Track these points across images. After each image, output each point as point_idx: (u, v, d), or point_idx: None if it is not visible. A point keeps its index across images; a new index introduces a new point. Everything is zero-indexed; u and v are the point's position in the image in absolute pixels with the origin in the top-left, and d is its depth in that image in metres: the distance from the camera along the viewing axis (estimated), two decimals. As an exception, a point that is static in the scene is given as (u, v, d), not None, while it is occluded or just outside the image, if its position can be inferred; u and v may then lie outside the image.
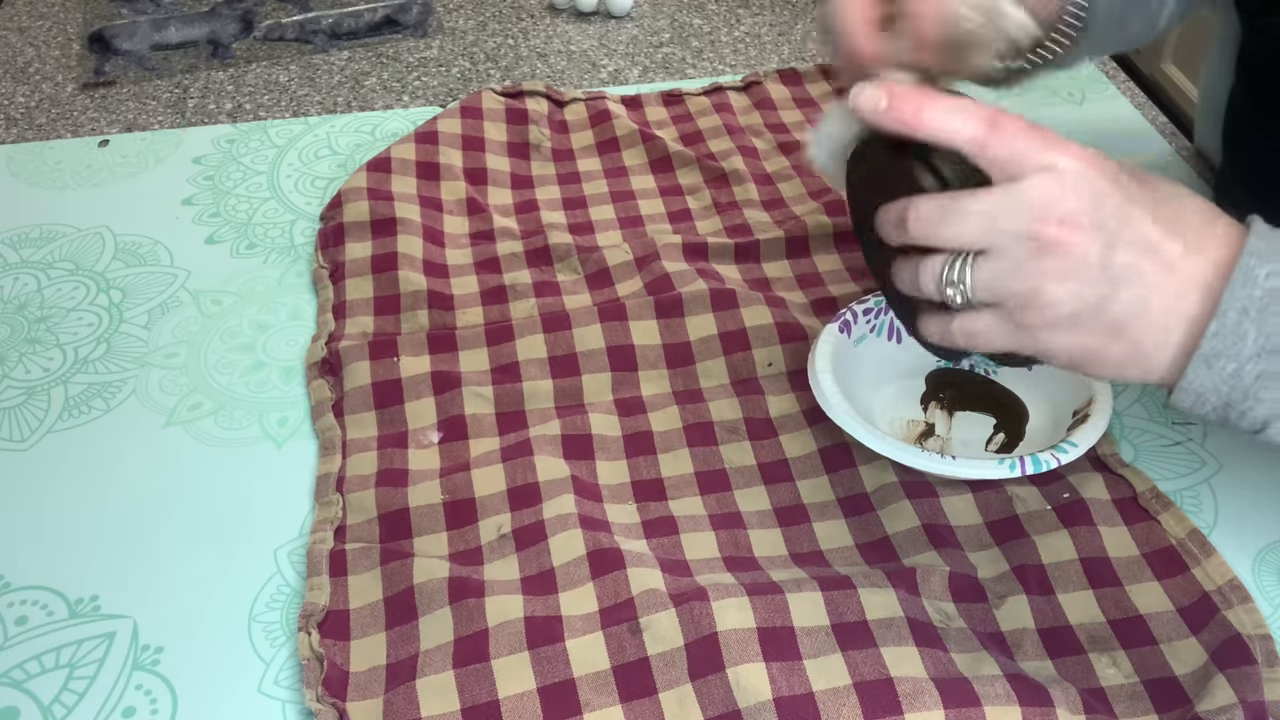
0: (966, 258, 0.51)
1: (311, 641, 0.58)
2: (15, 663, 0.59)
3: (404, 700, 0.56)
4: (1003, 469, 0.62)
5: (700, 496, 0.66)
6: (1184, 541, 0.62)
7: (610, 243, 0.84)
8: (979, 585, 0.61)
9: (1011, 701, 0.54)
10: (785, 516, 0.65)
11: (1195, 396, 0.52)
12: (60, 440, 0.71)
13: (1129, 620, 0.59)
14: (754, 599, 0.58)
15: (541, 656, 0.57)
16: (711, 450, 0.69)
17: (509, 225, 0.86)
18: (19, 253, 0.86)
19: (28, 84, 1.06)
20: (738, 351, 0.74)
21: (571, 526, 0.62)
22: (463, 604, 0.59)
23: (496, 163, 0.92)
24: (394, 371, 0.73)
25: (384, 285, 0.80)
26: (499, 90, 0.98)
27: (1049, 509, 0.64)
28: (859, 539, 0.64)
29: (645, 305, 0.77)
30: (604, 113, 0.97)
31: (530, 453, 0.67)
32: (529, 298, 0.79)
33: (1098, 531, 0.63)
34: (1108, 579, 0.61)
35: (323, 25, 1.12)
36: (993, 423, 0.71)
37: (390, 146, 0.91)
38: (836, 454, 0.68)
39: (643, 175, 0.92)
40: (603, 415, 0.71)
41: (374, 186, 0.87)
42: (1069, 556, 0.62)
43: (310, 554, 0.63)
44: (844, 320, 0.71)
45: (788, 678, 0.55)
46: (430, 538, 0.64)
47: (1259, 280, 0.49)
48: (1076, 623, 0.59)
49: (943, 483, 0.66)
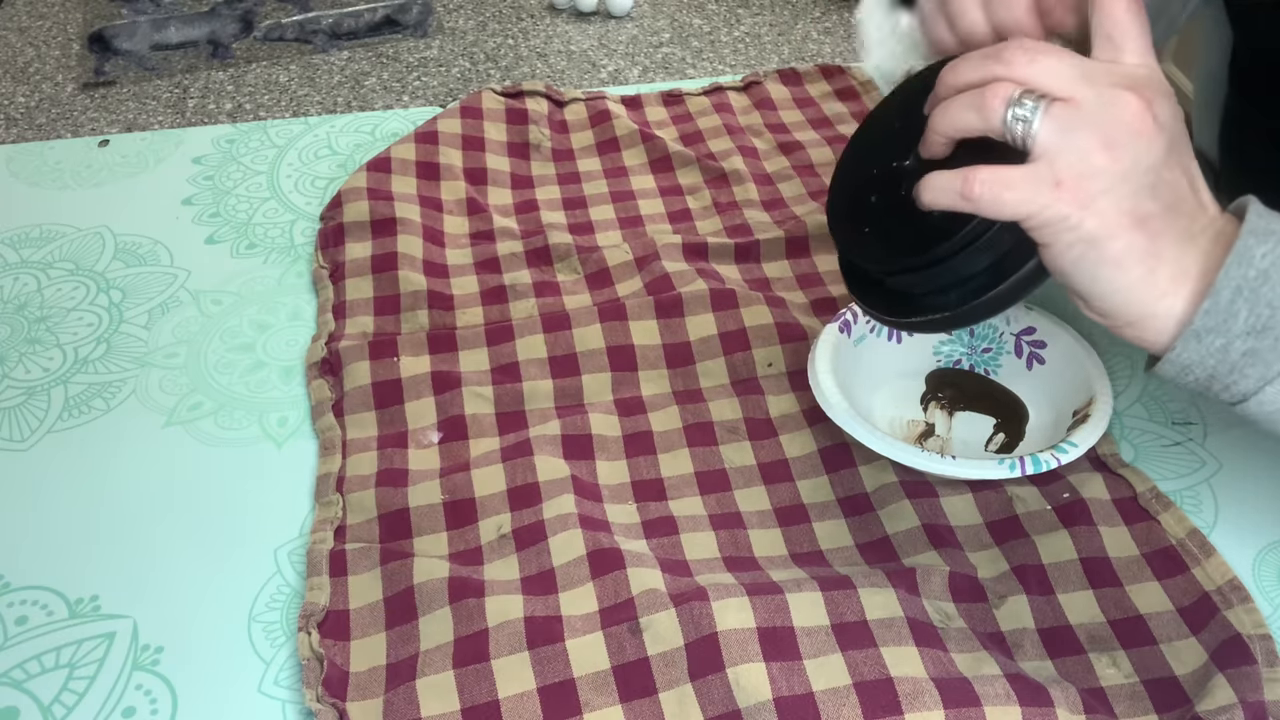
0: (1040, 97, 0.50)
1: (311, 641, 0.58)
2: (15, 663, 0.59)
3: (404, 700, 0.56)
4: (1002, 469, 0.62)
5: (700, 496, 0.66)
6: (1184, 541, 0.62)
7: (610, 242, 0.84)
8: (979, 585, 0.61)
9: (1011, 701, 0.54)
10: (785, 516, 0.65)
11: (1180, 368, 0.52)
12: (60, 440, 0.71)
13: (1129, 620, 0.59)
14: (754, 599, 0.58)
15: (541, 656, 0.57)
16: (711, 450, 0.69)
17: (509, 225, 0.86)
18: (19, 253, 0.86)
19: (28, 84, 1.06)
20: (738, 351, 0.74)
21: (572, 526, 0.62)
22: (463, 604, 0.59)
23: (496, 163, 0.92)
24: (394, 371, 0.73)
25: (384, 285, 0.80)
26: (499, 90, 0.98)
27: (1049, 509, 0.64)
28: (859, 539, 0.64)
29: (645, 305, 0.77)
30: (604, 113, 0.97)
31: (530, 453, 0.67)
32: (529, 298, 0.79)
33: (1098, 531, 0.63)
34: (1108, 579, 0.61)
35: (323, 25, 1.12)
36: (993, 423, 0.71)
37: (390, 146, 0.91)
38: (836, 454, 0.68)
39: (643, 175, 0.92)
40: (602, 415, 0.71)
41: (374, 186, 0.87)
42: (1069, 557, 0.62)
43: (310, 554, 0.63)
44: (844, 320, 0.71)
45: (788, 678, 0.55)
46: (430, 538, 0.64)
47: (1255, 260, 0.50)
48: (1076, 623, 0.59)
49: (942, 483, 0.66)
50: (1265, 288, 0.50)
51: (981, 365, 0.73)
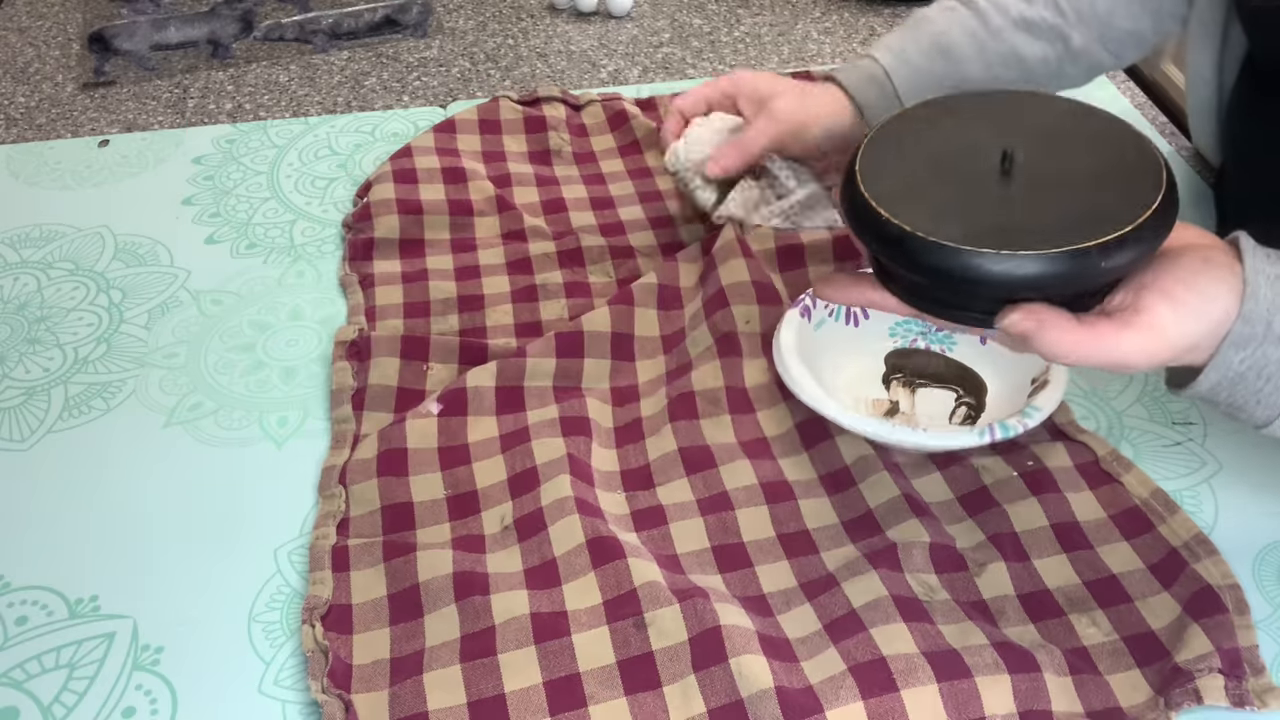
0: None
1: (316, 634, 0.59)
2: (15, 663, 0.59)
3: (411, 693, 0.56)
4: (973, 437, 0.63)
5: (687, 479, 0.67)
6: (1148, 501, 0.64)
7: (643, 243, 0.85)
8: (958, 555, 0.62)
9: (1000, 669, 0.55)
10: (771, 493, 0.66)
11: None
12: (60, 440, 0.71)
13: (1103, 580, 0.61)
14: (751, 617, 0.59)
15: (548, 651, 0.57)
16: (693, 425, 0.70)
17: (539, 225, 0.86)
18: (19, 253, 0.86)
19: (28, 84, 1.06)
20: (718, 310, 0.75)
21: (570, 512, 0.63)
22: (469, 601, 0.59)
23: (520, 168, 0.93)
24: (421, 381, 0.73)
25: (414, 294, 0.80)
26: (516, 99, 0.98)
27: (1015, 475, 0.66)
28: (843, 516, 0.65)
29: (650, 294, 0.78)
30: (621, 114, 0.98)
31: (529, 439, 0.68)
32: (560, 298, 0.80)
33: (1065, 498, 0.64)
34: (1079, 542, 0.63)
35: (323, 25, 1.12)
36: (954, 396, 0.72)
37: (415, 156, 0.91)
38: (812, 428, 0.69)
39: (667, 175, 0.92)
40: (598, 402, 0.72)
41: (403, 198, 0.87)
42: (1040, 524, 0.63)
43: (313, 549, 0.63)
44: (804, 306, 0.72)
45: (788, 674, 0.56)
46: (433, 528, 0.65)
47: (1232, 365, 0.53)
48: (1054, 586, 0.61)
49: (911, 465, 0.67)
50: (1241, 386, 0.53)
51: (938, 343, 0.74)
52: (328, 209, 0.90)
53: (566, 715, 0.55)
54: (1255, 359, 0.52)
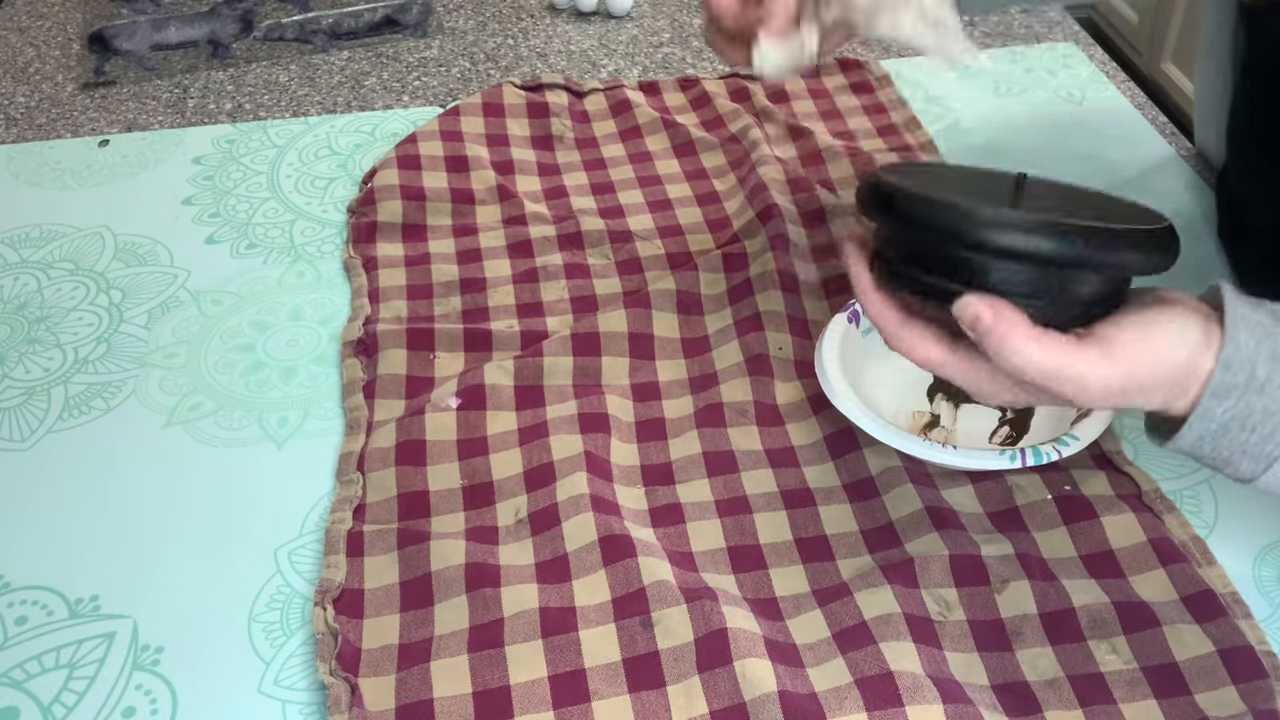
0: None
1: (327, 616, 0.59)
2: (15, 663, 0.59)
3: (417, 680, 0.56)
4: (1003, 460, 0.62)
5: (708, 479, 0.67)
6: (1186, 544, 0.63)
7: (641, 226, 0.86)
8: (982, 566, 0.61)
9: (997, 711, 0.55)
10: (791, 499, 0.66)
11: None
12: (60, 440, 0.71)
13: (1131, 604, 0.59)
14: (760, 620, 0.59)
15: (555, 645, 0.58)
16: (719, 432, 0.70)
17: (540, 210, 0.87)
18: (19, 253, 0.86)
19: (28, 84, 1.06)
20: (751, 333, 0.75)
21: (584, 509, 0.63)
22: (479, 593, 0.60)
23: (522, 154, 0.94)
24: (429, 369, 0.74)
25: (417, 276, 0.81)
26: (519, 84, 0.99)
27: (1049, 498, 0.65)
28: (863, 524, 0.64)
29: (669, 299, 0.78)
30: (624, 101, 0.99)
31: (546, 434, 0.68)
32: (560, 279, 0.81)
33: (1100, 524, 0.63)
34: (1110, 570, 0.61)
35: (323, 25, 1.12)
36: (998, 415, 0.71)
37: (419, 141, 0.92)
38: (841, 440, 0.69)
39: (667, 159, 0.94)
40: (618, 398, 0.72)
41: (406, 184, 0.88)
42: (1068, 554, 0.62)
43: (328, 533, 0.64)
44: (852, 310, 0.72)
45: (792, 679, 0.56)
46: (448, 516, 0.65)
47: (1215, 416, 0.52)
48: (1080, 604, 0.59)
49: (942, 475, 0.66)
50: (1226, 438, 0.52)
51: None
52: (328, 209, 0.90)
53: (570, 710, 0.55)
54: (1239, 409, 0.51)
